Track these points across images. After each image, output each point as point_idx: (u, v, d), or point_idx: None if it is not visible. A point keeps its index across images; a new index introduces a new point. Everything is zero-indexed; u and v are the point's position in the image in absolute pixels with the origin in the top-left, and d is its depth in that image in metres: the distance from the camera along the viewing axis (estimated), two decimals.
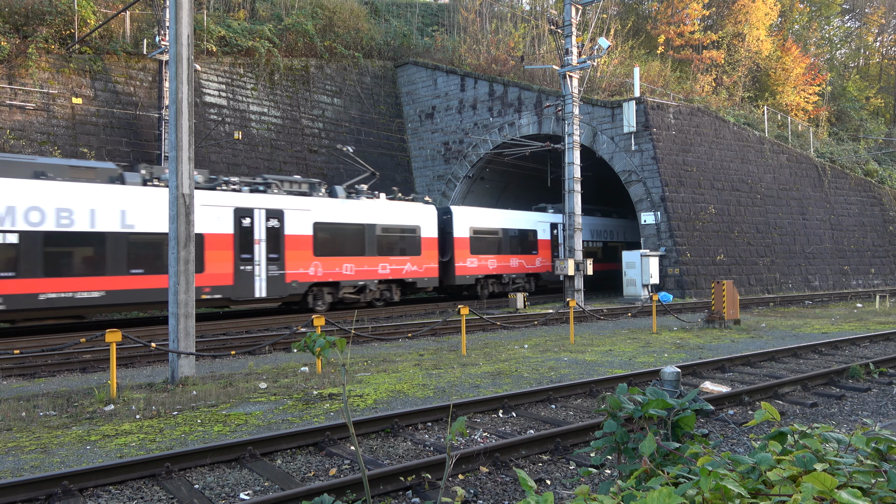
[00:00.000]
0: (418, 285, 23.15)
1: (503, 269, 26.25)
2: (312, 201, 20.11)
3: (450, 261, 24.40)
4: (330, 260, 20.32)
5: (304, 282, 19.66)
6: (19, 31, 22.61)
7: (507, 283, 26.56)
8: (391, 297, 22.44)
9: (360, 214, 21.36)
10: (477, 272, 25.23)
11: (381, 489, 5.14)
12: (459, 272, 24.65)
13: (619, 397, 2.58)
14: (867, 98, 49.98)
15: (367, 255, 21.37)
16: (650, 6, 44.27)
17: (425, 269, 23.17)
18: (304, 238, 19.77)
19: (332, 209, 20.57)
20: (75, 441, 6.75)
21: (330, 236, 20.39)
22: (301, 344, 2.84)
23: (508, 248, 26.53)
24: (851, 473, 1.66)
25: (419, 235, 23.01)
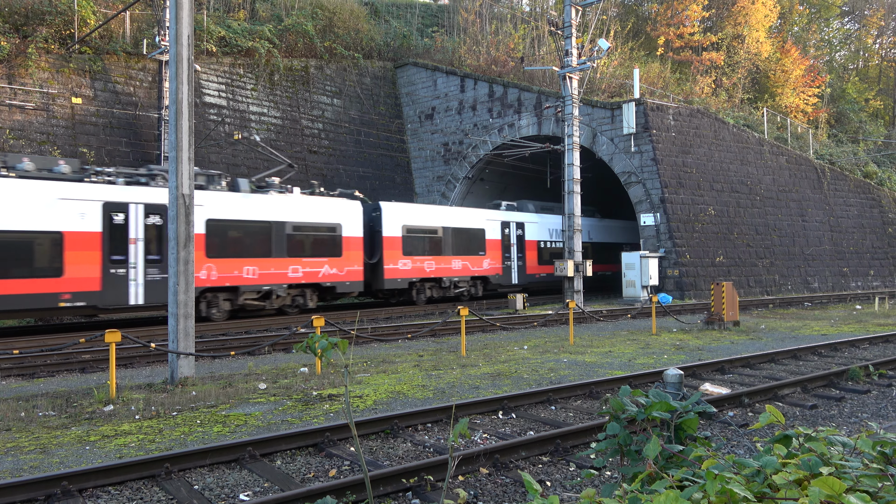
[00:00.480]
0: (338, 290, 20.79)
1: (443, 271, 23.95)
2: (205, 195, 17.98)
3: (378, 263, 22.22)
4: (227, 262, 18.26)
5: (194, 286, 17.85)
6: (19, 30, 22.59)
7: (449, 288, 24.35)
8: (305, 304, 20.28)
9: (267, 211, 19.32)
10: (411, 275, 22.98)
11: (381, 490, 5.13)
12: (390, 275, 22.36)
13: (622, 399, 2.57)
14: (866, 100, 50.05)
15: (275, 256, 19.28)
16: (650, 8, 44.31)
17: (347, 271, 20.89)
18: (194, 237, 17.92)
19: (231, 205, 18.56)
20: (74, 441, 6.74)
21: (228, 235, 18.37)
22: (303, 345, 2.83)
23: (450, 248, 24.22)
24: (858, 477, 1.65)
25: (340, 234, 20.75)
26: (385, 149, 32.70)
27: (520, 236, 27.17)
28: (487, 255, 25.69)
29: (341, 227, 20.92)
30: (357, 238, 21.36)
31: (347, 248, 21.01)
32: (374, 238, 22.47)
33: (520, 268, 27.01)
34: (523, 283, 27.07)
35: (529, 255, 27.48)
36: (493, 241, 26.01)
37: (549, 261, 27.91)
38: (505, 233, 26.56)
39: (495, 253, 26.04)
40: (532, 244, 27.84)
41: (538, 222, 28.20)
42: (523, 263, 27.14)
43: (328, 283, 20.48)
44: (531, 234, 27.86)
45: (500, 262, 26.15)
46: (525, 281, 27.14)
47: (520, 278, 27.01)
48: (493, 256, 25.96)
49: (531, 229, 27.89)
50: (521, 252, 27.17)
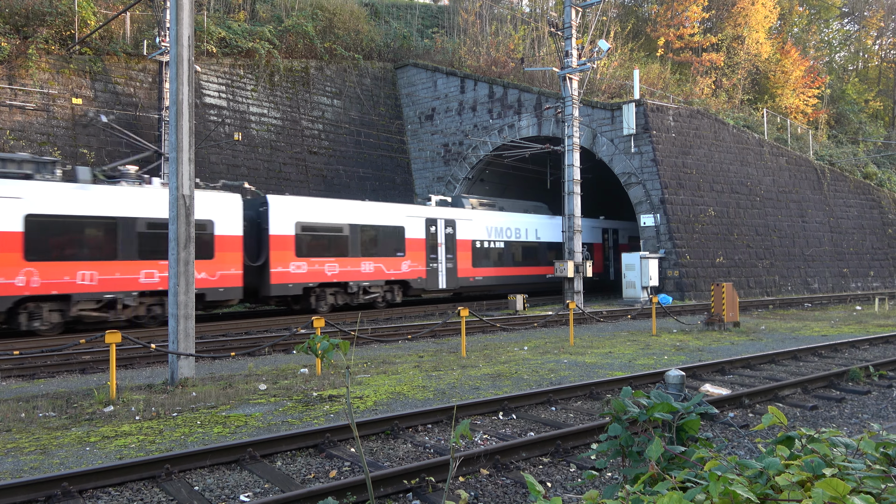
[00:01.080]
0: (209, 298, 17.96)
1: (350, 275, 21.00)
2: (25, 186, 15.32)
3: (264, 265, 19.42)
4: (55, 266, 15.59)
5: (6, 295, 14.95)
6: (20, 31, 22.60)
7: (357, 293, 21.44)
8: (163, 314, 17.43)
9: (112, 205, 16.64)
10: (307, 279, 20.11)
11: (382, 491, 5.13)
12: (278, 279, 19.49)
13: (624, 400, 2.57)
14: (866, 101, 50.07)
15: (122, 258, 16.63)
16: (650, 9, 44.34)
17: (221, 276, 18.11)
18: (7, 236, 15.00)
19: (63, 197, 15.84)
20: (75, 442, 6.73)
21: (56, 234, 15.78)
22: (304, 346, 2.83)
23: (359, 248, 21.31)
24: (862, 479, 1.65)
25: (211, 233, 18.01)
26: (385, 149, 32.71)
27: (450, 235, 24.22)
28: (408, 257, 22.69)
29: (213, 224, 18.10)
30: (234, 237, 18.59)
31: (222, 248, 18.23)
32: (260, 237, 19.74)
33: (449, 270, 24.06)
34: (453, 287, 24.34)
35: (462, 256, 24.69)
36: (416, 241, 23.07)
37: (489, 262, 25.69)
38: (431, 231, 23.70)
39: (418, 254, 23.07)
40: (465, 244, 24.94)
41: (473, 219, 25.32)
42: (454, 266, 24.22)
43: (196, 289, 17.72)
44: (465, 232, 24.96)
45: (423, 264, 23.17)
46: (455, 285, 24.40)
47: (449, 282, 24.09)
48: (416, 258, 22.98)
49: (465, 227, 24.97)
50: (452, 253, 24.27)
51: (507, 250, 26.73)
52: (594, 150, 27.47)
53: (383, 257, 22.06)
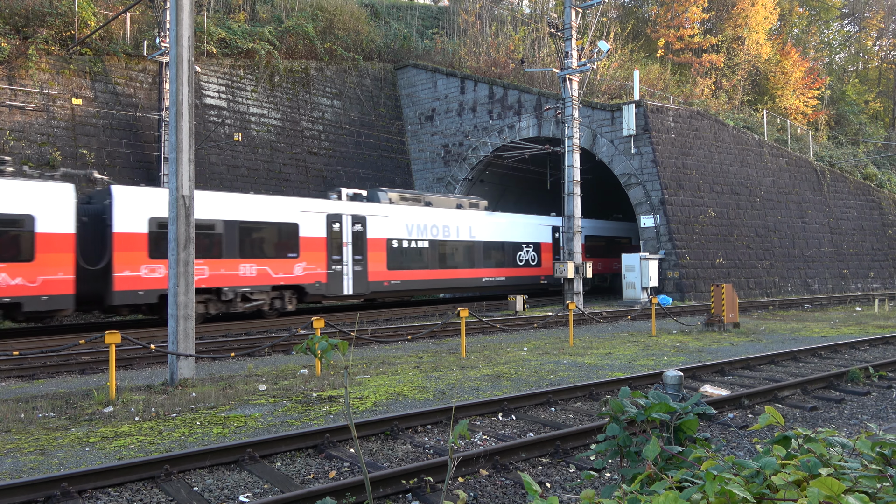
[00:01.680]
0: (27, 307, 15.24)
1: (224, 279, 18.08)
2: None
3: (107, 269, 16.65)
4: None
5: None
6: (20, 32, 22.61)
7: (234, 300, 18.53)
8: None
9: None
10: (165, 285, 17.19)
11: (381, 492, 5.13)
12: (125, 285, 16.66)
13: (622, 401, 2.57)
14: (866, 102, 50.10)
15: None
16: (650, 10, 44.36)
17: (43, 282, 15.42)
18: None
19: None
20: (74, 443, 6.74)
21: None
22: (303, 346, 2.83)
23: (237, 248, 18.45)
24: (857, 478, 1.65)
25: (32, 230, 15.37)
26: (385, 150, 32.72)
27: (359, 233, 21.14)
28: (303, 258, 19.76)
29: (34, 219, 15.49)
30: (63, 235, 15.85)
31: (46, 249, 15.57)
32: (103, 234, 16.97)
33: (357, 274, 20.95)
34: (362, 292, 21.23)
35: (374, 258, 21.61)
36: (313, 240, 20.11)
37: (409, 264, 22.54)
38: (334, 229, 20.69)
39: (316, 255, 20.08)
40: (378, 243, 21.82)
41: (389, 215, 22.25)
42: (363, 268, 21.09)
43: (7, 298, 14.93)
44: (378, 230, 21.80)
45: (323, 267, 20.14)
46: (365, 290, 21.28)
47: (357, 287, 20.98)
48: (314, 259, 20.00)
49: (378, 224, 21.80)
50: (361, 253, 21.17)
51: (433, 251, 23.55)
52: (594, 150, 27.48)
53: (270, 259, 19.18)
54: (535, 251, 27.34)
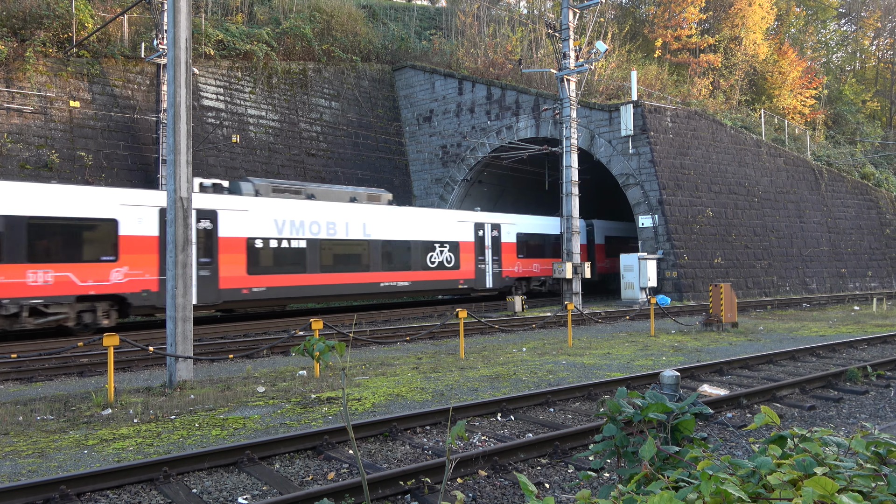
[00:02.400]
0: None
1: (8, 289, 14.72)
2: None
3: None
4: None
5: None
6: (17, 34, 22.60)
7: (19, 314, 14.92)
8: None
9: None
10: None
11: (379, 493, 5.13)
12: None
13: (619, 401, 2.58)
14: (863, 101, 50.18)
15: None
16: (647, 10, 44.42)
17: None
18: None
19: None
20: (73, 445, 6.73)
21: None
22: (301, 348, 2.84)
23: (23, 252, 14.99)
24: (852, 477, 1.66)
25: None
26: (383, 151, 32.73)
27: (207, 231, 17.78)
28: (125, 262, 16.50)
29: None
30: None
31: None
32: None
33: (205, 280, 17.50)
34: (212, 301, 17.74)
35: (229, 260, 18.16)
36: (139, 240, 16.79)
37: (278, 267, 19.23)
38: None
39: (143, 258, 16.81)
40: (234, 243, 18.39)
41: (251, 210, 18.83)
42: (213, 273, 17.67)
43: None
44: (234, 227, 18.42)
45: (154, 272, 16.82)
46: (216, 299, 17.79)
47: (204, 295, 17.45)
48: (139, 263, 16.74)
49: (234, 221, 18.40)
50: (211, 255, 17.79)
51: (313, 252, 20.34)
52: (592, 151, 27.51)
53: (74, 263, 15.78)
54: (453, 251, 23.96)
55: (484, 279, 25.28)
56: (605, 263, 31.12)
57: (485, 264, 25.32)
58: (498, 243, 25.95)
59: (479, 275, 25.00)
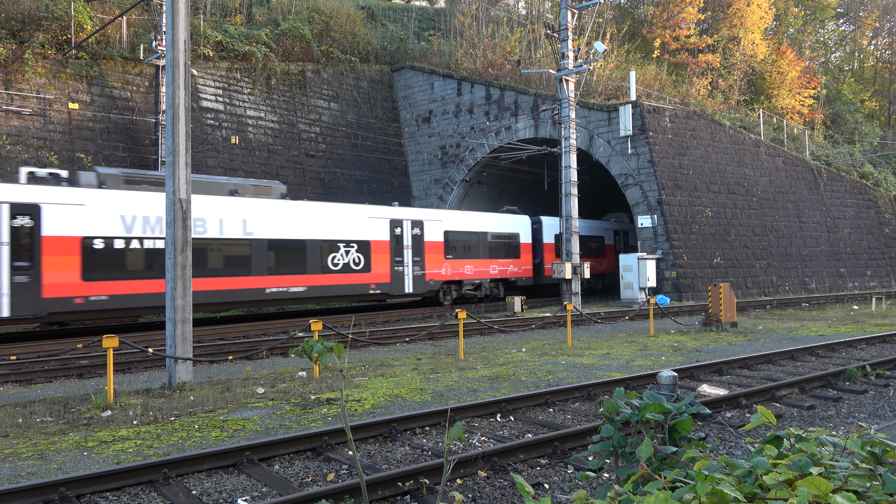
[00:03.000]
0: None
1: None
2: None
3: None
4: None
5: None
6: (16, 36, 22.60)
7: None
8: None
9: None
10: None
11: (379, 494, 5.14)
12: None
13: (617, 401, 2.59)
14: (862, 101, 50.22)
15: None
16: (646, 10, 44.44)
17: None
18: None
19: None
20: (72, 447, 6.73)
21: None
22: (299, 349, 2.84)
23: None
24: (847, 477, 1.67)
25: None
26: (382, 152, 32.74)
27: (25, 230, 15.25)
28: None
29: None
30: None
31: None
32: None
33: (21, 288, 14.99)
34: (33, 313, 15.22)
35: (55, 264, 15.59)
36: None
37: (130, 274, 16.60)
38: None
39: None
40: (65, 244, 15.76)
41: (89, 204, 16.19)
42: (34, 280, 15.13)
43: None
44: (66, 225, 15.82)
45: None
46: (38, 310, 15.25)
47: (19, 306, 14.98)
48: None
49: (62, 217, 15.79)
50: (30, 259, 15.25)
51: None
52: (591, 151, 27.52)
53: None
54: (362, 252, 21.29)
55: (402, 283, 22.45)
56: None
57: (403, 266, 22.54)
58: (420, 242, 23.19)
59: (395, 278, 22.20)
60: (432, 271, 23.40)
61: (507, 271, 26.21)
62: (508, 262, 26.29)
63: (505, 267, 26.15)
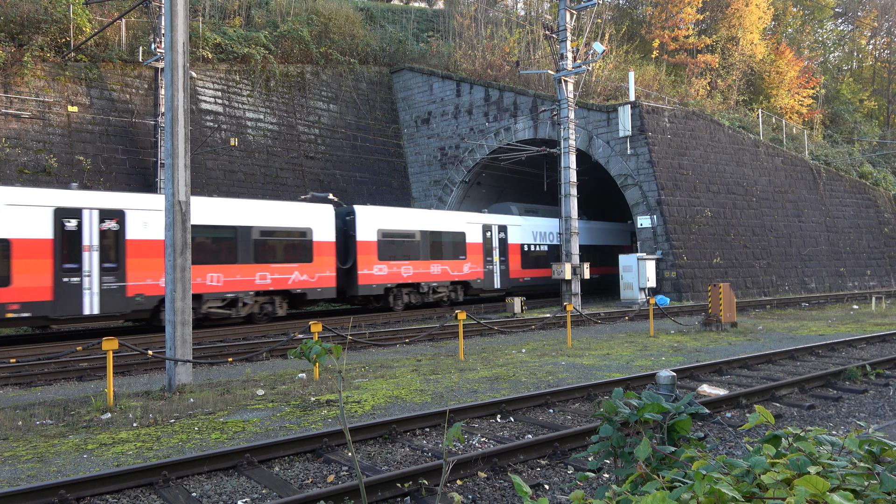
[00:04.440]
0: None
1: None
2: None
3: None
4: None
5: None
6: (15, 39, 22.61)
7: None
8: None
9: None
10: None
11: (378, 495, 5.14)
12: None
13: (615, 401, 2.59)
14: (861, 101, 50.26)
15: None
16: (644, 11, 44.47)
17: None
18: None
19: None
20: (72, 450, 6.73)
21: None
22: (297, 351, 2.85)
23: None
24: (844, 476, 1.67)
25: None
26: (382, 154, 32.75)
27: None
28: None
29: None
30: None
31: None
32: None
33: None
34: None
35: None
36: None
37: None
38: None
39: None
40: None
41: None
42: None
43: None
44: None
45: None
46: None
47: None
48: None
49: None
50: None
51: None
52: (590, 152, 27.53)
53: None
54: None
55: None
56: (382, 270, 21.94)
57: None
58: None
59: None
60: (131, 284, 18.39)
61: None
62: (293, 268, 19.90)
63: None
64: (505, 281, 26.04)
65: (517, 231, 26.86)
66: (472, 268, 24.62)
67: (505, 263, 25.64)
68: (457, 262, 24.09)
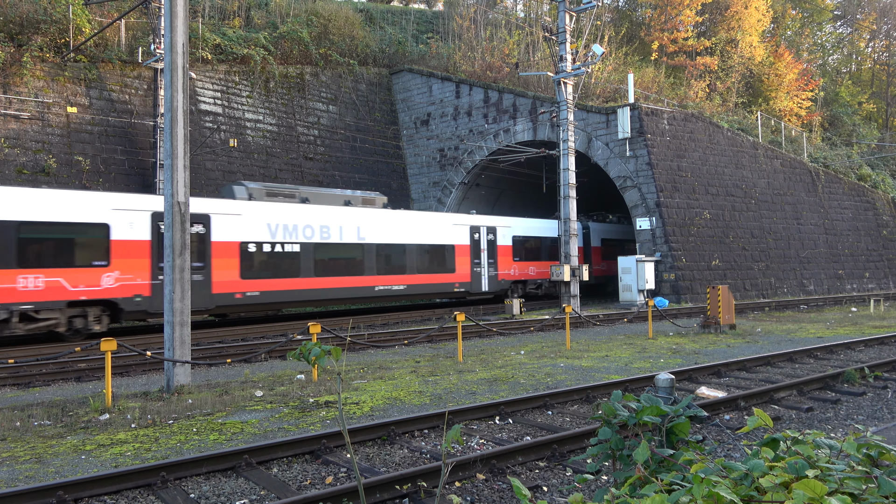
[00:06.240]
0: None
1: None
2: None
3: None
4: None
5: None
6: (14, 39, 22.60)
7: None
8: None
9: None
10: None
11: (377, 497, 5.14)
12: None
13: (614, 404, 2.59)
14: (859, 103, 50.35)
15: None
16: (644, 13, 44.54)
17: None
18: None
19: None
20: (70, 451, 6.72)
21: None
22: (296, 353, 2.85)
23: None
24: (842, 479, 1.67)
25: None
26: (381, 155, 32.76)
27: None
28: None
29: None
30: None
31: None
32: None
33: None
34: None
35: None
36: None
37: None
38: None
39: None
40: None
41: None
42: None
43: None
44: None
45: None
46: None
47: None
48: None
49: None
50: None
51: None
52: (589, 153, 27.55)
53: None
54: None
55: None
56: None
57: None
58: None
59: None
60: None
61: None
62: None
63: None
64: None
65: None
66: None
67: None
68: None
